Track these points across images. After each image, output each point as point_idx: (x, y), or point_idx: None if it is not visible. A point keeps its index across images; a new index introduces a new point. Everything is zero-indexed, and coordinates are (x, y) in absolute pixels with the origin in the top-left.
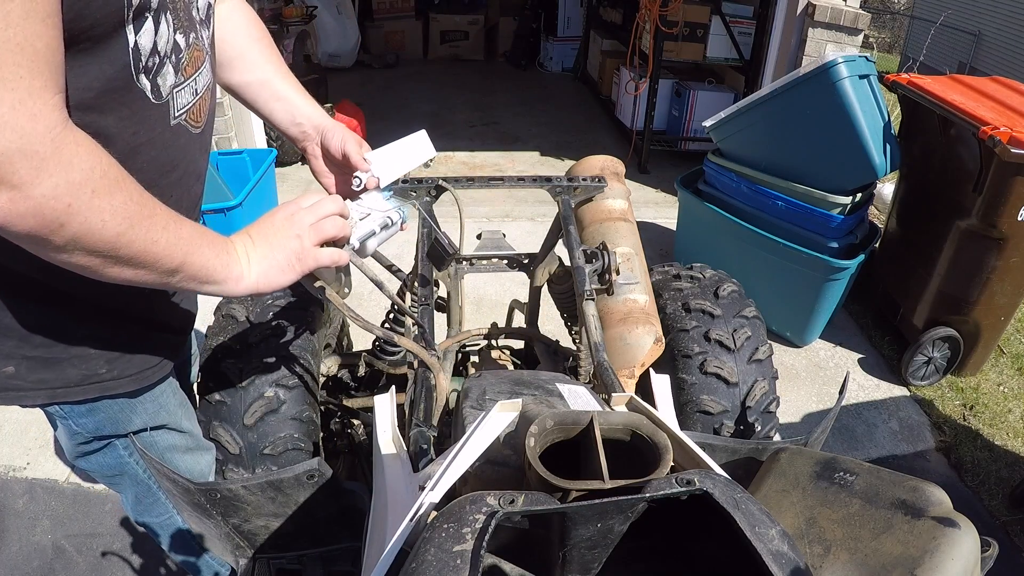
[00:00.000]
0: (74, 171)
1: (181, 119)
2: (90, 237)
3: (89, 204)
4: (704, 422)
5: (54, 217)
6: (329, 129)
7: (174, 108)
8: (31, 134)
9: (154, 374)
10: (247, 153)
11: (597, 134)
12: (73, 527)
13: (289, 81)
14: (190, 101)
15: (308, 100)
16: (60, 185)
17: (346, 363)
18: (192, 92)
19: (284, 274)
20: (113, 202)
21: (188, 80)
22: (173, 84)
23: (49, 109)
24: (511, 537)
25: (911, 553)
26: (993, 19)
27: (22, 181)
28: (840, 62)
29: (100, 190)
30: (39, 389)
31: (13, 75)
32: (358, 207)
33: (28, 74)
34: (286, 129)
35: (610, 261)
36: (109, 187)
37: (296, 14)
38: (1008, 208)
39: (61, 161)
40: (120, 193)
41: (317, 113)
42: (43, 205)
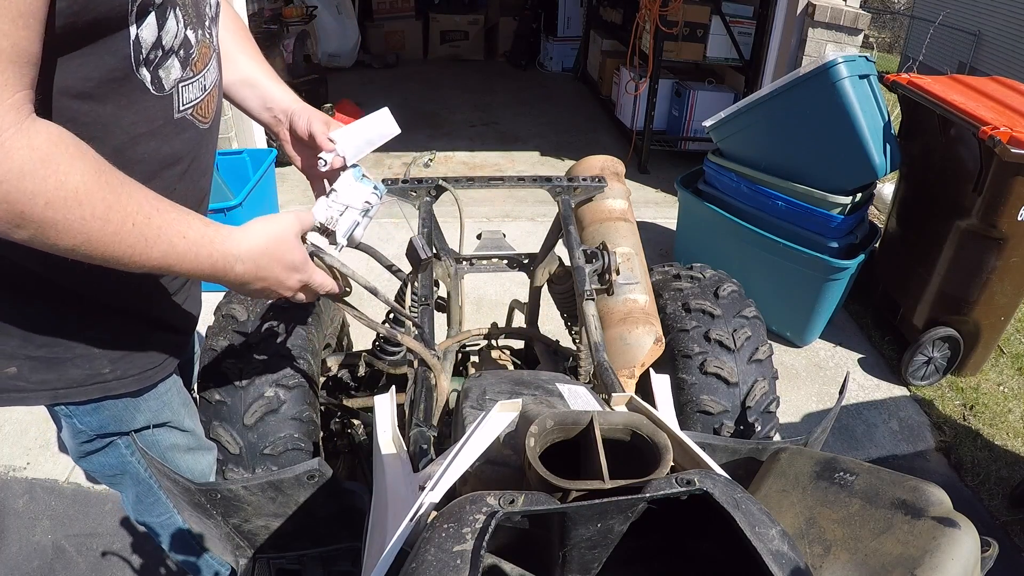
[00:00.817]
0: (25, 180)
1: (187, 113)
2: (46, 242)
3: (42, 215)
4: (704, 422)
5: (9, 220)
6: (296, 112)
7: (179, 102)
8: None
9: (157, 374)
10: (247, 153)
11: (597, 134)
12: (73, 527)
13: (261, 68)
14: (198, 96)
15: (279, 85)
16: (11, 192)
17: (346, 363)
18: (201, 88)
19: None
20: (68, 216)
21: (197, 75)
22: (179, 78)
23: (4, 110)
24: (511, 537)
25: (911, 553)
26: (993, 19)
27: None
28: (840, 62)
29: (54, 202)
30: (42, 390)
31: None
32: (335, 201)
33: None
34: (258, 115)
35: (610, 261)
36: (65, 200)
37: (296, 14)
38: (1008, 208)
39: (12, 168)
40: (77, 208)
41: (287, 97)
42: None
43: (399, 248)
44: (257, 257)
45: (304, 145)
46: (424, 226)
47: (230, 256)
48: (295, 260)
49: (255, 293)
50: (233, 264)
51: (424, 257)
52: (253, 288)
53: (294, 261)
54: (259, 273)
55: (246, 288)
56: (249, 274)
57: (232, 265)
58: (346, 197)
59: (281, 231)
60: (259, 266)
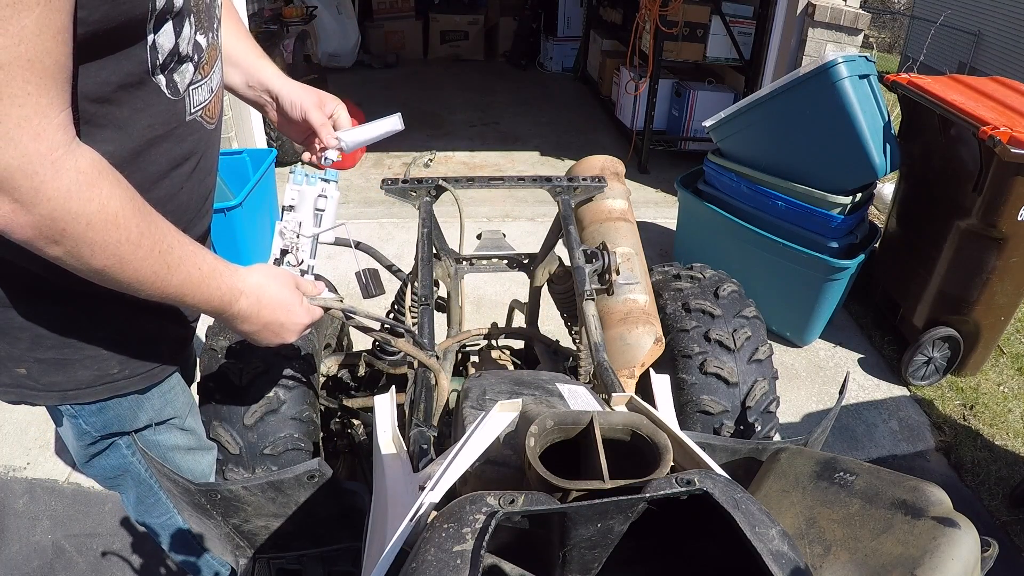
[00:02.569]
0: (72, 200)
1: (197, 115)
2: (78, 261)
3: (83, 235)
4: (704, 422)
5: (49, 235)
6: (283, 94)
7: (190, 104)
8: (33, 154)
9: (164, 371)
10: (247, 153)
11: (597, 134)
12: (73, 527)
13: (244, 44)
14: (207, 98)
15: (261, 60)
16: (57, 210)
17: (346, 363)
18: (208, 89)
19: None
20: (106, 238)
21: (205, 78)
22: (191, 81)
23: (53, 129)
24: (511, 537)
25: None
26: (993, 19)
27: (23, 198)
28: (840, 62)
29: (95, 224)
30: (51, 391)
31: (22, 91)
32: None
33: (36, 91)
34: (242, 93)
35: (610, 261)
36: (105, 223)
37: (296, 14)
38: (1008, 208)
39: (60, 187)
40: (115, 231)
41: (270, 73)
42: (41, 223)
43: (399, 248)
44: (259, 292)
45: (295, 121)
46: (424, 226)
47: (235, 290)
48: (294, 298)
49: (256, 333)
50: (238, 298)
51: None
52: (254, 324)
53: (293, 298)
54: (261, 308)
55: (248, 325)
56: (252, 309)
57: (237, 298)
58: (296, 215)
59: (280, 271)
60: (261, 302)
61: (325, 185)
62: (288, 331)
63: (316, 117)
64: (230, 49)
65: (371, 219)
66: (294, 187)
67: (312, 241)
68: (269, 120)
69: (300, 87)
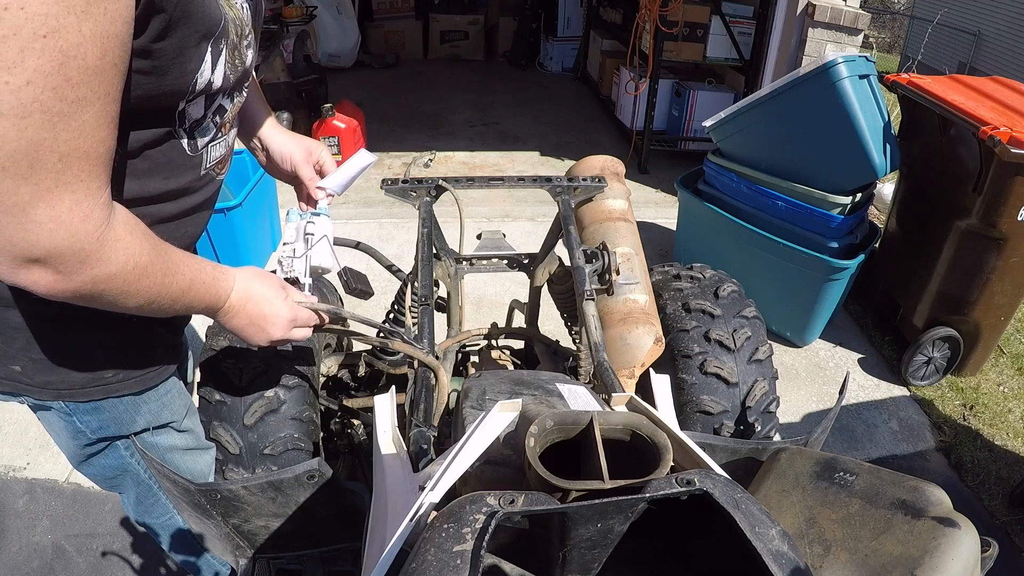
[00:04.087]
0: (112, 265)
1: (211, 169)
2: (115, 307)
3: (118, 289)
4: (704, 422)
5: (88, 296)
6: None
7: (207, 160)
8: (81, 234)
9: (158, 375)
10: (247, 153)
11: (597, 134)
12: (73, 527)
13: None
14: (222, 154)
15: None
16: (99, 276)
17: (346, 363)
18: (225, 145)
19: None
20: (139, 287)
21: (224, 136)
22: (210, 140)
23: (99, 208)
24: (511, 537)
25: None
26: (993, 19)
27: (67, 270)
28: (840, 62)
29: (130, 279)
30: (44, 389)
31: (76, 179)
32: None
33: (88, 177)
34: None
35: (610, 261)
36: (139, 276)
37: (296, 14)
38: (1008, 208)
39: (102, 258)
40: (146, 279)
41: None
42: (81, 288)
43: (399, 248)
44: (246, 287)
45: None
46: (424, 226)
47: (227, 288)
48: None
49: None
50: (228, 294)
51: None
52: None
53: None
54: (247, 302)
55: (237, 320)
56: (240, 303)
57: (228, 295)
58: (291, 244)
59: (266, 272)
60: (247, 295)
61: (315, 218)
62: (272, 324)
63: (305, 173)
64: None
65: (371, 219)
66: (291, 225)
67: (304, 260)
68: (257, 161)
69: (290, 139)
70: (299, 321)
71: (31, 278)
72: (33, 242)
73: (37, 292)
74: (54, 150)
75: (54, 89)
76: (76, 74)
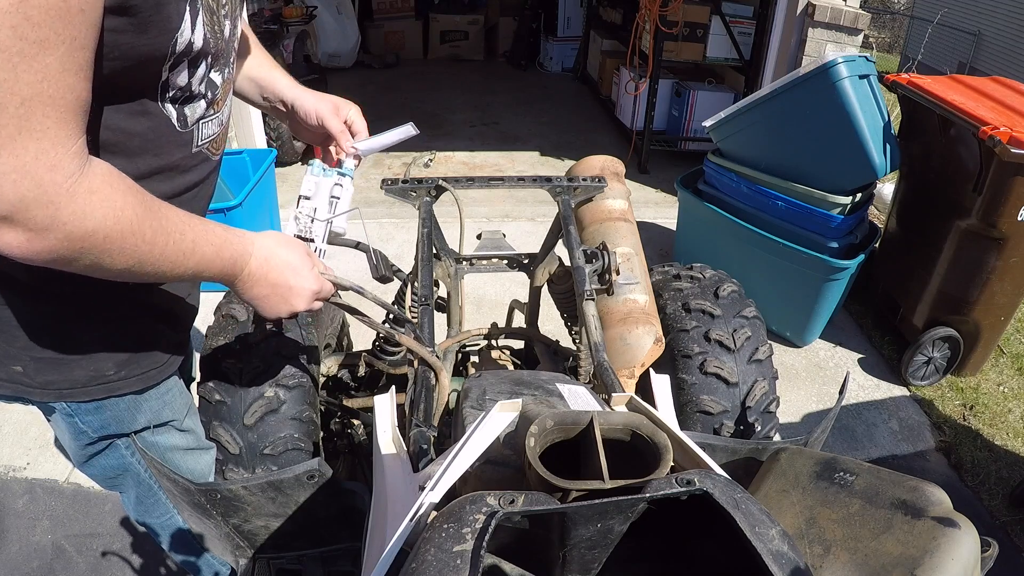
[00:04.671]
0: (88, 220)
1: (204, 147)
2: (101, 269)
3: (101, 247)
4: (704, 422)
5: (68, 255)
6: (299, 104)
7: (198, 137)
8: (48, 184)
9: (160, 373)
10: (247, 153)
11: (597, 134)
12: (73, 527)
13: (257, 57)
14: (215, 132)
15: (276, 73)
16: (74, 233)
17: (346, 363)
18: (218, 123)
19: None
20: (125, 246)
21: (217, 113)
22: (201, 116)
23: (69, 158)
24: (511, 537)
25: (911, 553)
26: (993, 19)
27: (38, 227)
28: (840, 62)
29: (112, 236)
30: (46, 389)
31: (41, 126)
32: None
33: (55, 125)
34: (258, 103)
35: (610, 261)
36: (121, 233)
37: (296, 14)
38: (1008, 208)
39: (75, 212)
40: (133, 238)
41: (285, 86)
42: (57, 247)
43: (399, 248)
44: (267, 253)
45: (312, 128)
46: (424, 226)
47: (245, 253)
48: (304, 260)
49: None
50: (248, 260)
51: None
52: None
53: (303, 261)
54: (270, 269)
55: (257, 288)
56: (261, 270)
57: (247, 261)
58: (312, 202)
59: (292, 238)
60: (269, 263)
61: (341, 179)
62: (297, 296)
63: (334, 124)
64: (245, 63)
65: (371, 219)
66: (311, 178)
67: (326, 225)
68: (286, 126)
69: (314, 96)
70: (322, 294)
71: (3, 240)
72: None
73: (12, 255)
74: (15, 92)
75: (12, 28)
76: (37, 13)
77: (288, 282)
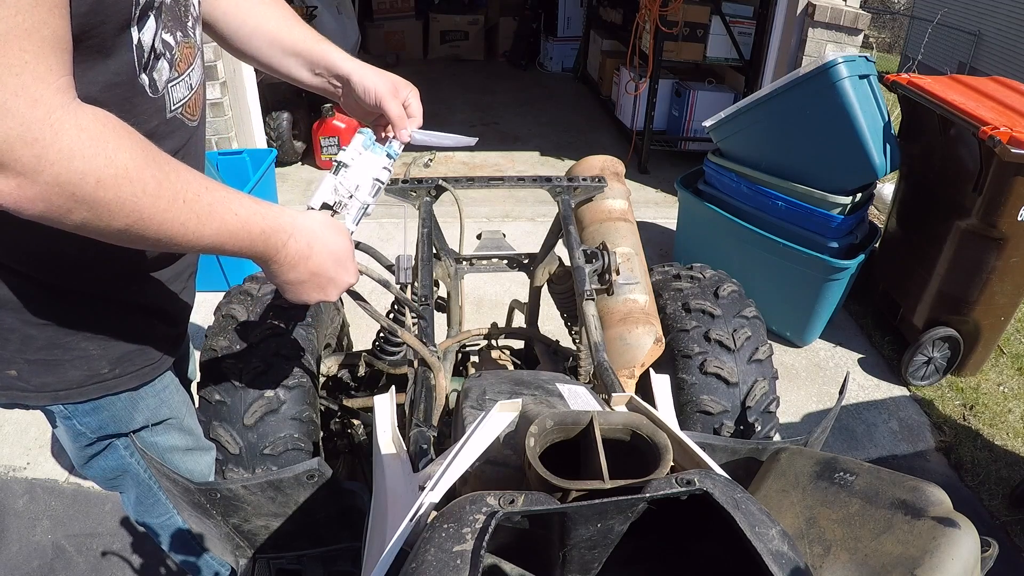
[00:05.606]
0: (76, 159)
1: (177, 112)
2: (99, 225)
3: (94, 195)
4: (704, 422)
5: (61, 203)
6: (357, 79)
7: (170, 102)
8: (31, 120)
9: (155, 370)
10: (247, 153)
11: (597, 134)
12: (73, 527)
13: (299, 31)
14: (186, 95)
15: (322, 43)
16: (62, 174)
17: (346, 363)
18: (188, 87)
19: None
20: (119, 194)
21: (182, 75)
22: (168, 79)
23: (52, 92)
24: (511, 537)
25: (911, 553)
26: (993, 19)
27: (26, 168)
28: (840, 62)
29: (105, 181)
30: (42, 392)
31: (19, 60)
32: (341, 183)
33: (34, 59)
34: (308, 82)
35: (610, 261)
36: (116, 178)
37: None
38: (1008, 208)
39: (62, 149)
40: (128, 185)
41: (339, 58)
42: (49, 192)
43: (399, 248)
44: (310, 236)
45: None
46: (424, 226)
47: (282, 231)
48: (349, 253)
49: (301, 284)
50: (286, 240)
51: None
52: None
53: (348, 253)
54: (312, 254)
55: (294, 273)
56: (301, 253)
57: (285, 241)
58: (356, 175)
59: (337, 222)
60: (312, 248)
61: (388, 161)
62: (334, 286)
63: (394, 108)
64: (285, 39)
65: (371, 219)
66: (359, 148)
67: (361, 208)
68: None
69: (373, 71)
70: (350, 285)
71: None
72: None
73: (5, 205)
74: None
75: None
76: None
77: (329, 272)
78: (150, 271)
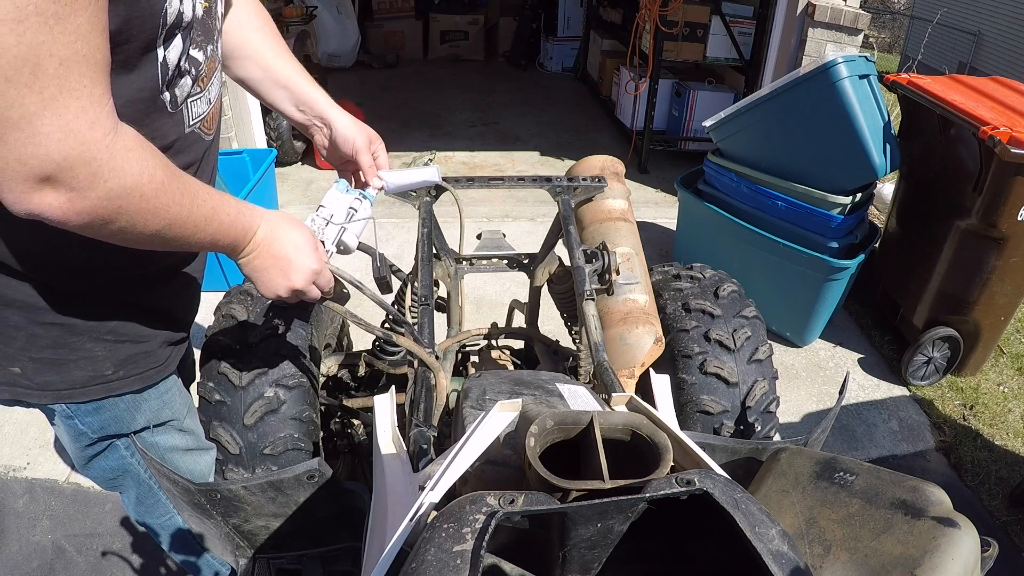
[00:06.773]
0: (127, 177)
1: (195, 127)
2: (133, 231)
3: (137, 207)
4: (704, 422)
5: (105, 216)
6: (336, 127)
7: (188, 117)
8: (91, 142)
9: (159, 373)
10: (247, 153)
11: (597, 134)
12: (73, 527)
13: (293, 68)
14: (205, 110)
15: (312, 87)
16: (114, 190)
17: (346, 363)
18: (207, 102)
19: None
20: (157, 205)
21: (204, 91)
22: (188, 94)
23: (106, 115)
24: (511, 537)
25: (911, 553)
26: (993, 19)
27: (80, 184)
28: (840, 62)
29: (148, 194)
30: (45, 391)
31: (79, 85)
32: (318, 215)
33: (91, 83)
34: (291, 115)
35: (610, 261)
36: (156, 191)
37: (296, 14)
38: (1008, 208)
39: (115, 167)
40: (164, 196)
41: (323, 101)
42: (97, 206)
43: (399, 248)
44: (273, 224)
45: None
46: (424, 226)
47: (254, 223)
48: (307, 239)
49: (266, 270)
50: (255, 230)
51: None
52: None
53: (307, 240)
54: (274, 240)
55: (259, 260)
56: (266, 239)
57: (254, 231)
58: (329, 209)
59: (294, 217)
60: (274, 234)
61: (362, 201)
62: (297, 271)
63: (365, 160)
64: (278, 71)
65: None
66: (335, 194)
67: (339, 230)
68: (314, 144)
69: (353, 123)
70: (321, 279)
71: (45, 200)
72: (43, 155)
73: (52, 219)
74: (54, 54)
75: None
76: None
77: (289, 256)
78: (156, 276)
